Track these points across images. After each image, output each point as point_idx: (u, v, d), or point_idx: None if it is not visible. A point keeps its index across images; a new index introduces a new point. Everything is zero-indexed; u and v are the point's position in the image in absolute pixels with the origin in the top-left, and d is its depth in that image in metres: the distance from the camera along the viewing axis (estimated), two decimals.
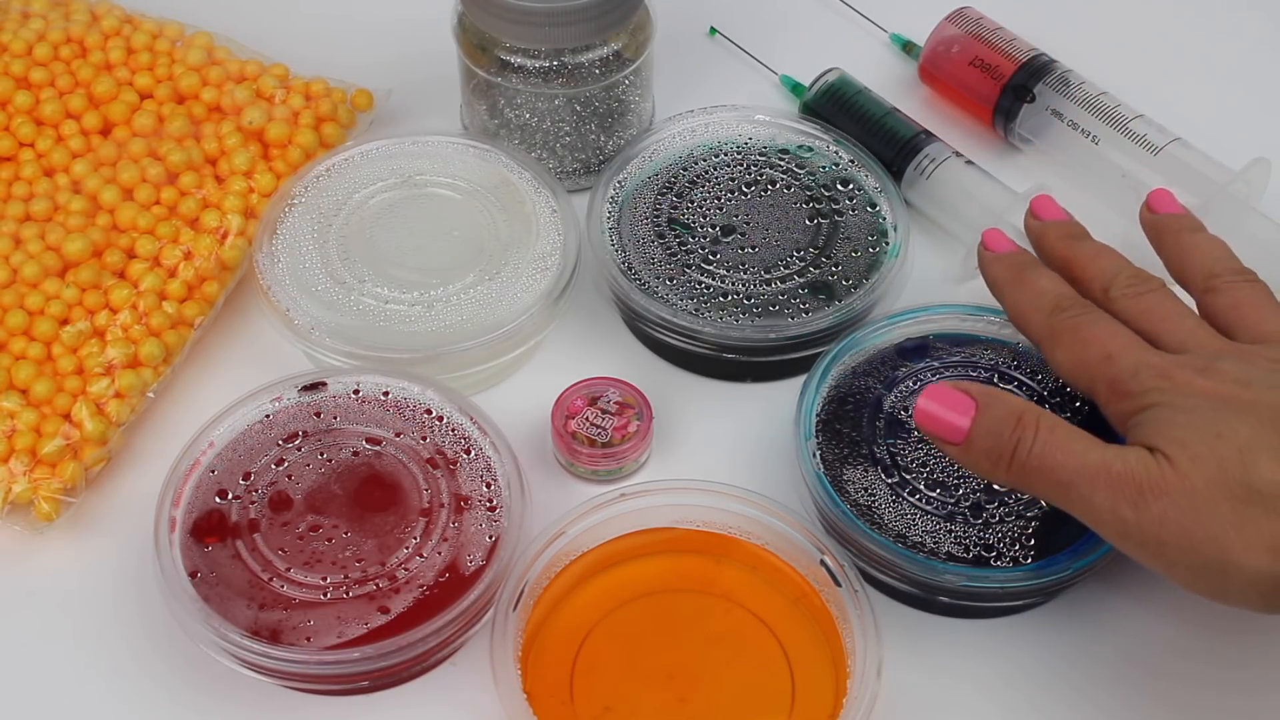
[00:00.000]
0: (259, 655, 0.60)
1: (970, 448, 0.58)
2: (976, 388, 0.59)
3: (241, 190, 0.75)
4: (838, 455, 0.66)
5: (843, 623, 0.62)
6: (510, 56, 0.74)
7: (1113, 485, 0.55)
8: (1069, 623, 0.65)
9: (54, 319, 0.70)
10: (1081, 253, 0.65)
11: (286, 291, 0.71)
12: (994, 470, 0.58)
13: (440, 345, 0.69)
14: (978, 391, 0.58)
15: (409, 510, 0.65)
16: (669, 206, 0.75)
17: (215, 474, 0.66)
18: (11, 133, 0.76)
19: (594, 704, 0.61)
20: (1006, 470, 0.57)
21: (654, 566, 0.65)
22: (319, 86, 0.79)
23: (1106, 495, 0.55)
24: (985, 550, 0.64)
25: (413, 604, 0.62)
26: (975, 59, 0.80)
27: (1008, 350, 0.70)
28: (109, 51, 0.79)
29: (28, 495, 0.66)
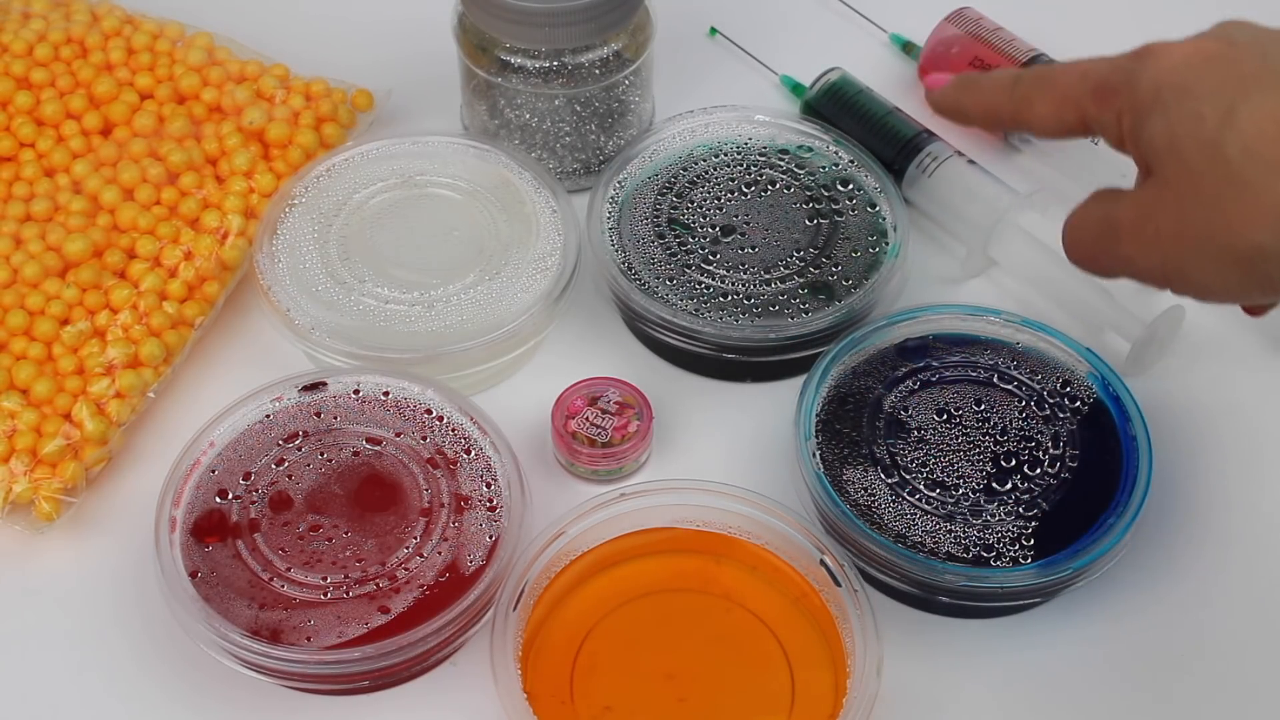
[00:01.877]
0: (259, 655, 0.60)
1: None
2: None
3: (242, 190, 0.75)
4: (838, 455, 0.66)
5: (843, 623, 0.62)
6: (510, 57, 0.74)
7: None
8: (1069, 623, 0.66)
9: (54, 319, 0.70)
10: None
11: (287, 291, 0.71)
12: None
13: (440, 345, 0.69)
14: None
15: (409, 510, 0.65)
16: (669, 206, 0.75)
17: (216, 474, 0.66)
18: (12, 133, 0.76)
19: (594, 704, 0.61)
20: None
21: (654, 566, 0.65)
22: (319, 87, 0.79)
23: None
24: (985, 550, 0.64)
25: (413, 604, 0.62)
26: (975, 59, 0.80)
27: (1008, 350, 0.70)
28: (110, 52, 0.79)
29: (28, 495, 0.67)
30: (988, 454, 0.66)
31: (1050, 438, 0.67)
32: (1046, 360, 0.69)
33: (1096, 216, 0.57)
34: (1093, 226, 0.57)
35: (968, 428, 0.67)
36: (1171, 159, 0.54)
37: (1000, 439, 0.67)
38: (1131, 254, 0.56)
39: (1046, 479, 0.66)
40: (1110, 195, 0.57)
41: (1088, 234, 0.58)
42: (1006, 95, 0.61)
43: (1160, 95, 0.54)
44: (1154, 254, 0.55)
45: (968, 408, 0.68)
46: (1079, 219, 0.58)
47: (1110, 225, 0.56)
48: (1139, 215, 0.55)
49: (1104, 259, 0.57)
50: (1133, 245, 0.55)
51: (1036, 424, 0.67)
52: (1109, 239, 0.56)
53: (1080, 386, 0.68)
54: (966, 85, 0.63)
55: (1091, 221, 0.58)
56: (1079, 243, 0.58)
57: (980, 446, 0.67)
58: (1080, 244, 0.58)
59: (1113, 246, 0.56)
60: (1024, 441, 0.67)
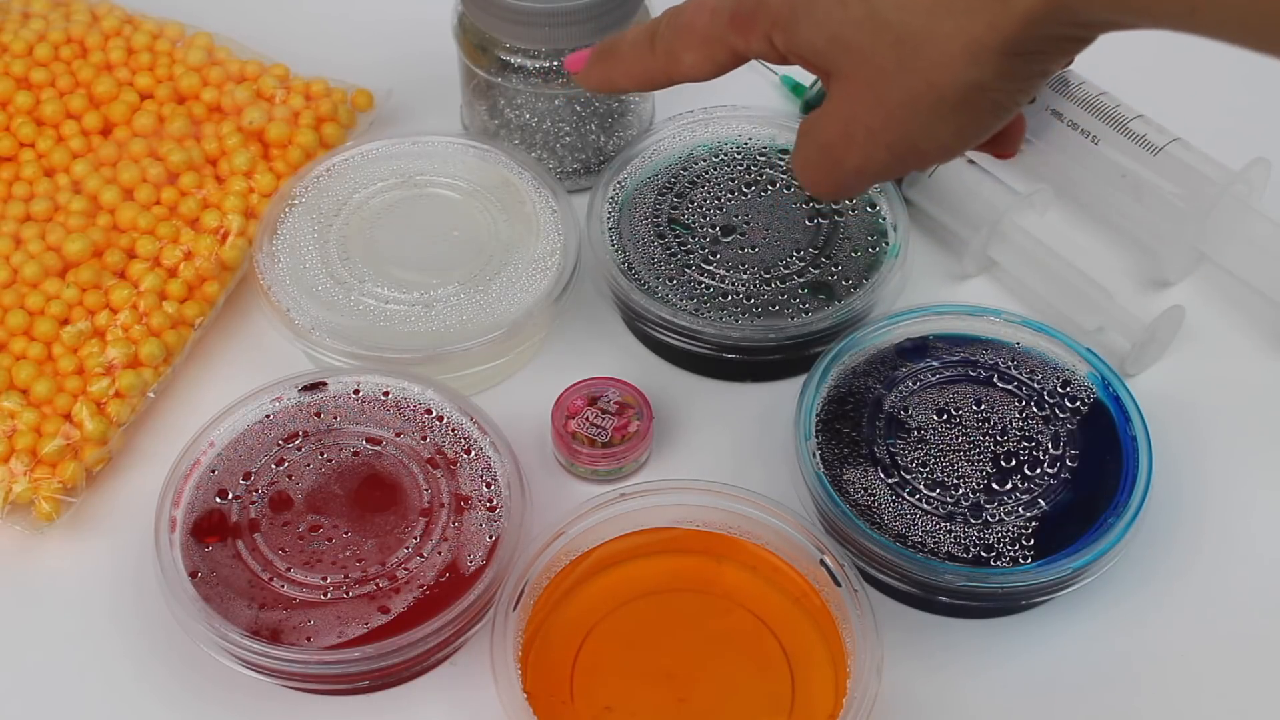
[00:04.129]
0: (259, 655, 0.60)
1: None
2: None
3: (242, 190, 0.75)
4: (838, 455, 0.66)
5: (843, 623, 0.62)
6: (510, 57, 0.74)
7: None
8: (1069, 623, 0.65)
9: (54, 319, 0.70)
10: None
11: (287, 291, 0.71)
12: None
13: (440, 345, 0.69)
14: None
15: (409, 510, 0.65)
16: (669, 206, 0.75)
17: (216, 474, 0.66)
18: (12, 133, 0.76)
19: (594, 704, 0.61)
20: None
21: (654, 566, 0.65)
22: (319, 86, 0.79)
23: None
24: (985, 550, 0.64)
25: (413, 604, 0.62)
26: None
27: (1008, 350, 0.70)
28: (109, 52, 0.79)
29: (28, 495, 0.67)
30: (988, 454, 0.66)
31: (1050, 438, 0.67)
32: (1046, 360, 0.69)
33: (812, 149, 0.56)
34: (814, 160, 0.57)
35: (968, 428, 0.67)
36: (840, 53, 0.53)
37: (1000, 439, 0.67)
38: (860, 162, 0.55)
39: (1046, 479, 0.66)
40: (811, 121, 0.56)
41: (816, 169, 0.57)
42: (651, 55, 0.60)
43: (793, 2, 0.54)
44: (878, 150, 0.54)
45: (968, 408, 0.68)
46: (800, 160, 0.58)
47: (826, 149, 0.56)
48: (843, 123, 0.54)
49: (842, 181, 0.57)
50: (855, 153, 0.55)
51: (1036, 424, 0.67)
52: (833, 162, 0.56)
53: (1080, 386, 0.68)
54: (607, 56, 0.62)
55: (811, 156, 0.57)
56: (814, 181, 0.58)
57: (980, 446, 0.67)
58: (816, 182, 0.58)
59: (841, 165, 0.56)
60: (1024, 441, 0.67)
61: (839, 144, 0.55)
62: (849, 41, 0.52)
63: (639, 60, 0.61)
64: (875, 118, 0.53)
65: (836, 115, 0.55)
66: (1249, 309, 0.76)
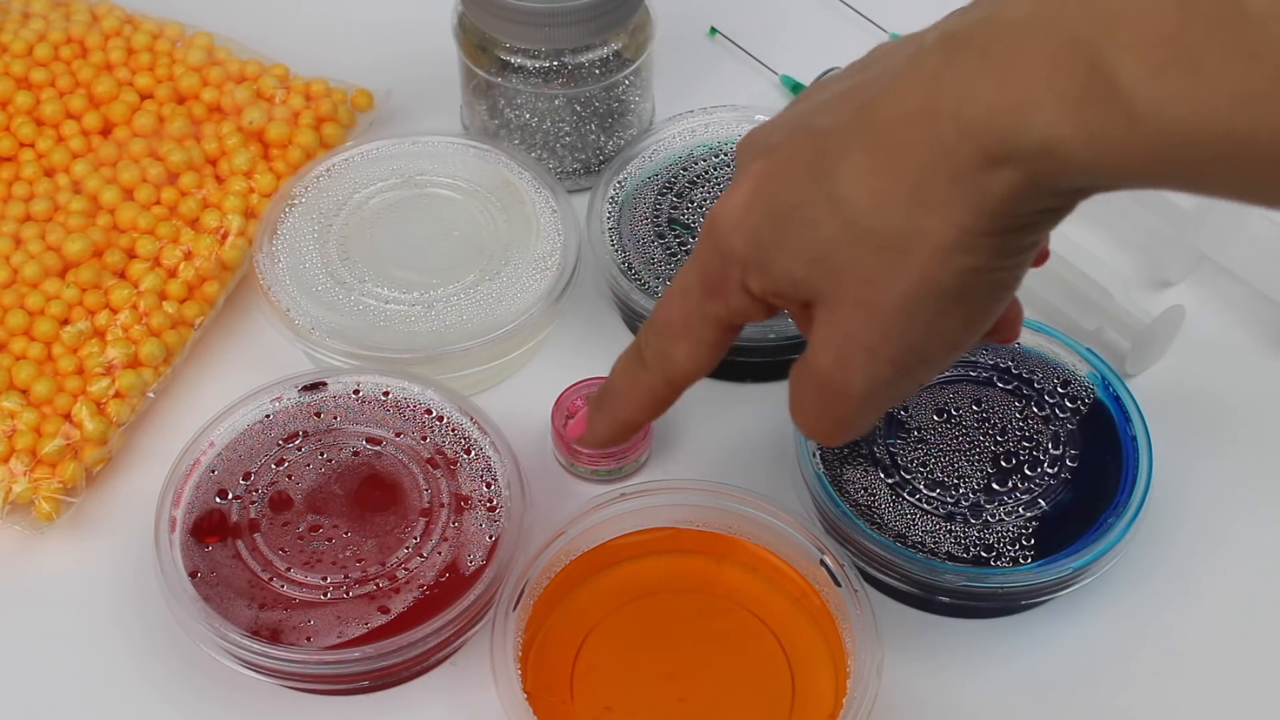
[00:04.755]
0: (259, 655, 0.60)
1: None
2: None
3: (242, 190, 0.75)
4: (838, 455, 0.66)
5: (843, 623, 0.62)
6: (510, 57, 0.74)
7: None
8: (1069, 623, 0.65)
9: (54, 319, 0.70)
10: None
11: (287, 291, 0.71)
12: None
13: (440, 345, 0.69)
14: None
15: (409, 510, 0.65)
16: (669, 206, 0.75)
17: (215, 474, 0.66)
18: (12, 133, 0.76)
19: (594, 704, 0.61)
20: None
21: (654, 566, 0.65)
22: (319, 86, 0.79)
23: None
24: (985, 550, 0.64)
25: (413, 604, 0.62)
26: None
27: (1008, 350, 0.70)
28: (109, 52, 0.79)
29: (28, 495, 0.67)
30: (988, 454, 0.66)
31: (1050, 438, 0.67)
32: (1046, 360, 0.69)
33: (809, 392, 0.52)
34: (814, 402, 0.52)
35: (967, 427, 0.67)
36: (821, 275, 0.49)
37: (1000, 439, 0.67)
38: (865, 387, 0.50)
39: (1046, 479, 0.66)
40: (801, 364, 0.52)
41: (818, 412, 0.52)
42: (645, 372, 0.56)
43: (758, 239, 0.50)
44: (882, 367, 0.50)
45: (967, 408, 0.68)
46: (798, 406, 0.53)
47: (825, 385, 0.51)
48: (838, 350, 0.50)
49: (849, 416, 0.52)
50: (858, 380, 0.50)
51: (1036, 424, 0.67)
52: (835, 397, 0.51)
53: (1080, 386, 0.68)
54: (606, 398, 0.58)
55: (810, 399, 0.52)
56: (818, 426, 0.53)
57: (980, 446, 0.67)
58: (820, 426, 0.53)
59: (845, 398, 0.51)
60: (1024, 441, 0.67)
61: (837, 375, 0.50)
62: (829, 260, 0.48)
63: (636, 384, 0.56)
64: (872, 333, 0.49)
65: (829, 345, 0.50)
66: (1249, 309, 0.76)
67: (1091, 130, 0.43)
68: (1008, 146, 0.44)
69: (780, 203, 0.50)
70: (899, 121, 0.46)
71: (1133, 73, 0.42)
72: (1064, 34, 0.43)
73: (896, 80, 0.47)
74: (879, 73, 0.48)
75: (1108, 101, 0.42)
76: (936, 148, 0.46)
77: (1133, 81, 0.42)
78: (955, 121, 0.45)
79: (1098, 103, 0.42)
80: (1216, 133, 0.41)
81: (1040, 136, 0.43)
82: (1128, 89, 0.42)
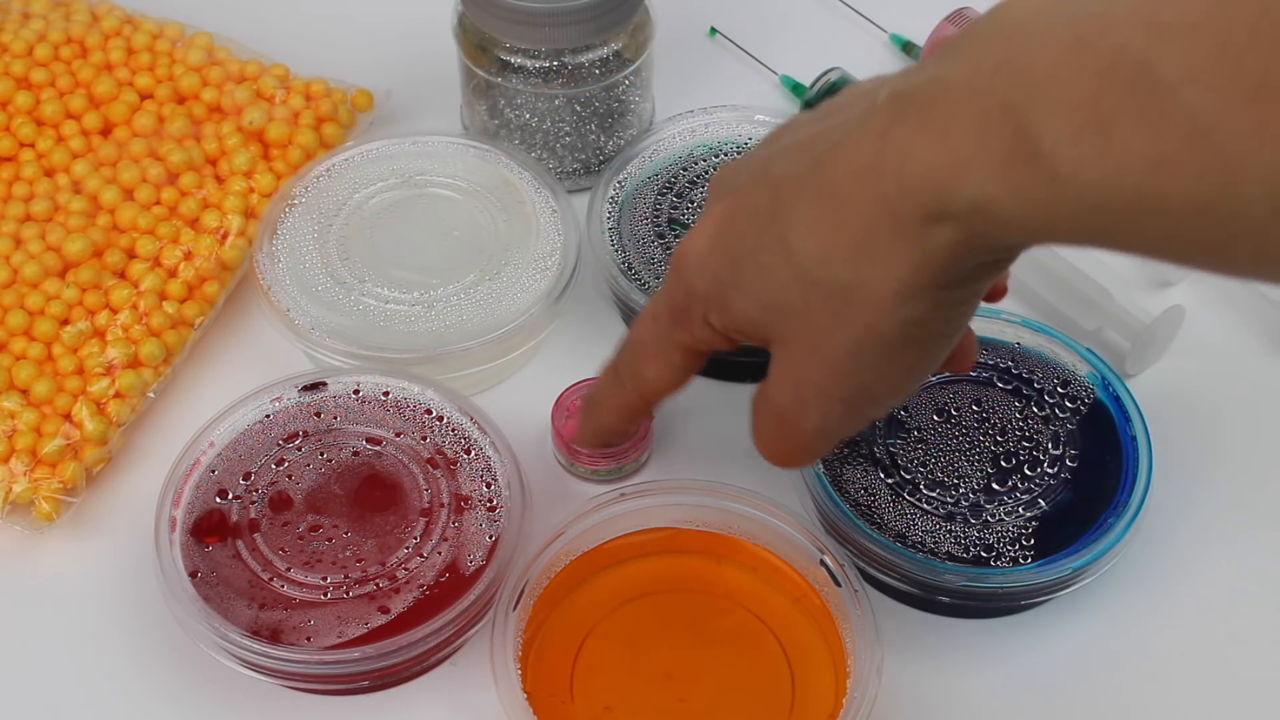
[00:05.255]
0: (259, 655, 0.60)
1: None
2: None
3: (242, 190, 0.75)
4: (838, 455, 0.66)
5: (843, 623, 0.62)
6: (510, 56, 0.74)
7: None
8: (1069, 623, 0.65)
9: (54, 319, 0.70)
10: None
11: (287, 291, 0.71)
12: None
13: (440, 345, 0.69)
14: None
15: (409, 510, 0.65)
16: (669, 206, 0.75)
17: (216, 474, 0.66)
18: (12, 133, 0.76)
19: (594, 704, 0.61)
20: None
21: (654, 566, 0.65)
22: (319, 86, 0.79)
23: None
24: (985, 550, 0.64)
25: (413, 604, 0.62)
26: None
27: (1008, 350, 0.70)
28: (109, 52, 0.79)
29: (28, 495, 0.67)
30: (987, 454, 0.66)
31: (1050, 438, 0.67)
32: (1046, 360, 0.69)
33: (770, 421, 0.55)
34: (773, 431, 0.55)
35: (967, 428, 0.67)
36: (776, 318, 0.52)
37: (1000, 439, 0.67)
38: (818, 422, 0.54)
39: (1046, 479, 0.66)
40: (761, 393, 0.55)
41: (776, 440, 0.56)
42: (621, 387, 0.59)
43: (718, 279, 0.53)
44: (833, 405, 0.53)
45: (967, 408, 0.68)
46: (760, 433, 0.56)
47: (781, 418, 0.54)
48: (793, 388, 0.53)
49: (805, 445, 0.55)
50: (811, 415, 0.53)
51: (1036, 424, 0.67)
52: (791, 428, 0.54)
53: (1080, 386, 0.68)
54: (590, 408, 0.62)
55: (770, 427, 0.55)
56: (777, 452, 0.56)
57: (980, 446, 0.67)
58: (779, 453, 0.56)
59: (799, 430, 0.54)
60: (1024, 441, 0.67)
61: (793, 409, 0.53)
62: (782, 305, 0.51)
63: (614, 396, 0.60)
64: (822, 374, 0.52)
65: (785, 381, 0.53)
66: (1249, 309, 0.76)
67: (1018, 190, 0.44)
68: (944, 204, 0.46)
69: (738, 246, 0.52)
70: (847, 177, 0.48)
71: (1054, 136, 0.43)
72: (994, 97, 0.44)
73: (848, 135, 0.49)
74: (836, 124, 0.50)
75: (1032, 163, 0.44)
76: (881, 203, 0.47)
77: (1054, 144, 0.43)
78: (898, 179, 0.47)
79: (1023, 164, 0.44)
80: (1129, 193, 0.42)
81: (972, 196, 0.45)
82: (1049, 151, 0.43)
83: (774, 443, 0.56)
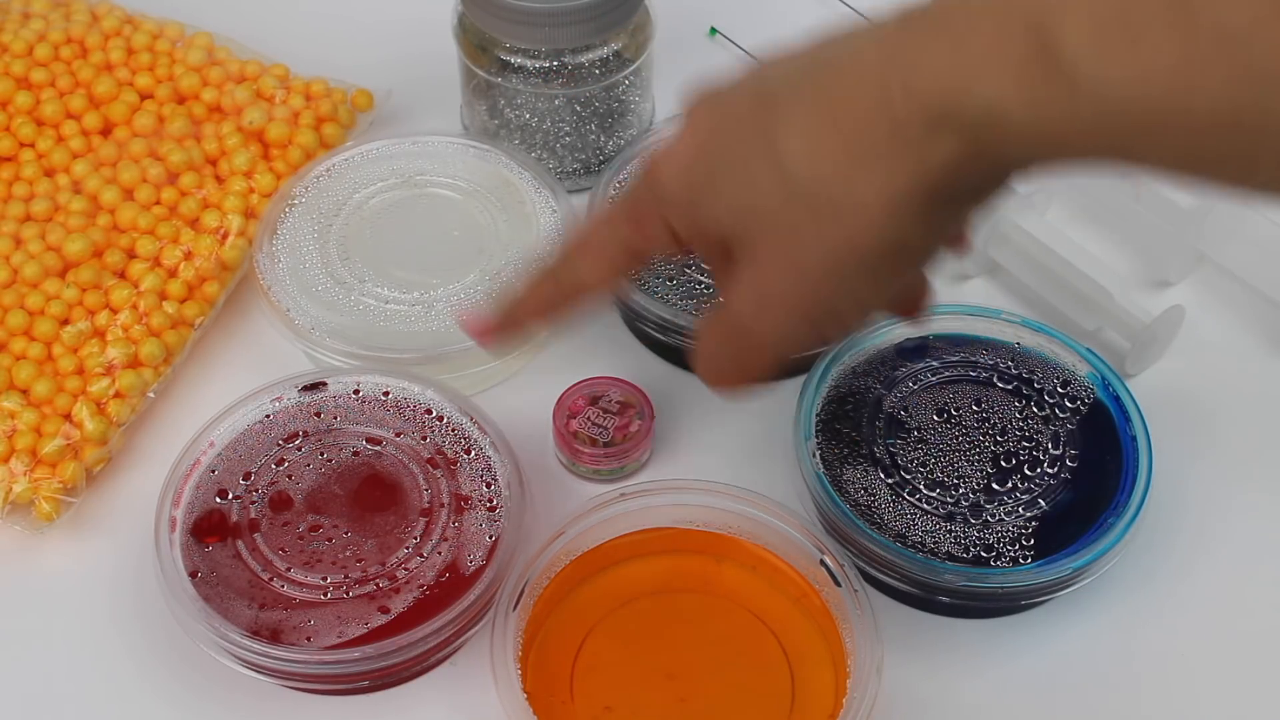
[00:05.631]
0: (259, 655, 0.60)
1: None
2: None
3: (242, 190, 0.75)
4: (838, 455, 0.66)
5: (843, 623, 0.62)
6: (510, 57, 0.74)
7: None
8: (1069, 623, 0.65)
9: (54, 319, 0.70)
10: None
11: (287, 291, 0.71)
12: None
13: (440, 345, 0.69)
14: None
15: (409, 510, 0.65)
16: None
17: (216, 474, 0.66)
18: (12, 133, 0.76)
19: (594, 704, 0.61)
20: None
21: (654, 566, 0.65)
22: (319, 87, 0.79)
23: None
24: (985, 550, 0.64)
25: (413, 604, 0.62)
26: None
27: (1008, 350, 0.70)
28: (109, 52, 0.79)
29: (28, 495, 0.67)
30: (987, 454, 0.66)
31: (1050, 438, 0.67)
32: (1046, 360, 0.69)
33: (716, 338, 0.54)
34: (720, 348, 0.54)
35: (967, 428, 0.67)
36: (750, 222, 0.50)
37: (1000, 439, 0.67)
38: (774, 337, 0.52)
39: (1046, 479, 0.66)
40: (712, 312, 0.54)
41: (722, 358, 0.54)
42: (555, 286, 0.58)
43: (694, 184, 0.52)
44: (795, 320, 0.51)
45: (967, 408, 0.68)
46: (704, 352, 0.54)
47: (735, 332, 0.53)
48: (756, 297, 0.51)
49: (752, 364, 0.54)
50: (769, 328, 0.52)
51: (1036, 424, 0.67)
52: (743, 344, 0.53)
53: (1080, 386, 0.68)
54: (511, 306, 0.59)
55: (715, 347, 0.54)
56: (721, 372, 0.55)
57: (980, 446, 0.67)
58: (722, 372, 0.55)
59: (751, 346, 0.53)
60: (1024, 441, 0.67)
61: (754, 322, 0.52)
62: (759, 210, 0.50)
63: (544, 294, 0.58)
64: (791, 285, 0.50)
65: (748, 292, 0.51)
66: (1249, 309, 0.76)
67: (1033, 98, 0.44)
68: (951, 110, 0.46)
69: (725, 156, 0.51)
70: (849, 85, 0.48)
71: (1077, 46, 0.43)
72: (1016, 11, 0.44)
73: (852, 49, 0.48)
74: (837, 43, 0.50)
75: (1052, 72, 0.44)
76: (883, 108, 0.47)
77: (1076, 54, 0.43)
78: (904, 85, 0.46)
79: (1041, 72, 0.44)
80: (1152, 104, 0.42)
81: (983, 102, 0.45)
82: (1071, 61, 0.43)
83: (725, 363, 0.54)
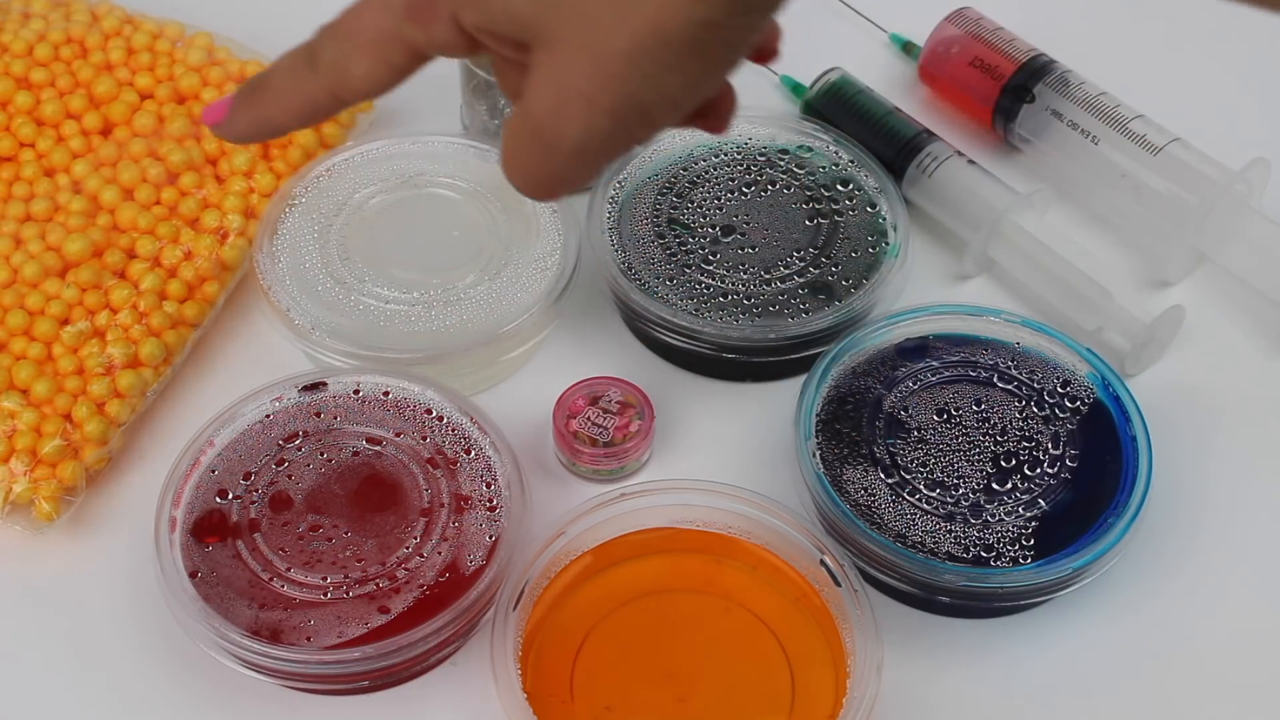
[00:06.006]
0: (259, 655, 0.60)
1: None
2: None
3: (242, 190, 0.75)
4: (838, 455, 0.66)
5: (843, 623, 0.62)
6: None
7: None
8: (1069, 623, 0.65)
9: (54, 319, 0.70)
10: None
11: (287, 291, 0.71)
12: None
13: (440, 345, 0.69)
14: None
15: (409, 510, 0.65)
16: (669, 206, 0.75)
17: (216, 474, 0.66)
18: (12, 133, 0.76)
19: (594, 704, 0.61)
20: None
21: (654, 566, 0.65)
22: None
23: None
24: (985, 550, 0.64)
25: (413, 604, 0.62)
26: (975, 59, 0.80)
27: (1008, 350, 0.70)
28: (109, 52, 0.79)
29: (28, 495, 0.67)
30: (988, 454, 0.66)
31: (1050, 438, 0.67)
32: (1046, 360, 0.69)
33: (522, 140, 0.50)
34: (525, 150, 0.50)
35: (968, 428, 0.67)
36: (545, 12, 0.47)
37: (1000, 439, 0.67)
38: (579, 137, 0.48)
39: (1046, 479, 0.66)
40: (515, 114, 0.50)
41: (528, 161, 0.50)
42: (313, 76, 0.53)
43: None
44: (599, 118, 0.48)
45: (967, 408, 0.68)
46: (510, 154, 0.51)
47: (538, 133, 0.49)
48: (555, 96, 0.48)
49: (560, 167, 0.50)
50: (573, 128, 0.48)
51: (1036, 424, 0.67)
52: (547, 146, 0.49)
53: (1080, 386, 0.68)
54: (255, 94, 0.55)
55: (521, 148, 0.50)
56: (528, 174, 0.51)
57: (980, 446, 0.67)
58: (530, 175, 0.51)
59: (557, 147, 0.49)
60: (1024, 441, 0.67)
61: (551, 121, 0.48)
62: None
63: (298, 87, 0.53)
64: (592, 80, 0.47)
65: (546, 89, 0.48)
66: (1249, 309, 0.76)
67: None
68: None
69: None
70: None
71: None
72: None
73: None
74: None
75: None
76: None
77: None
78: None
79: None
80: None
81: None
82: None
83: (528, 164, 0.51)
